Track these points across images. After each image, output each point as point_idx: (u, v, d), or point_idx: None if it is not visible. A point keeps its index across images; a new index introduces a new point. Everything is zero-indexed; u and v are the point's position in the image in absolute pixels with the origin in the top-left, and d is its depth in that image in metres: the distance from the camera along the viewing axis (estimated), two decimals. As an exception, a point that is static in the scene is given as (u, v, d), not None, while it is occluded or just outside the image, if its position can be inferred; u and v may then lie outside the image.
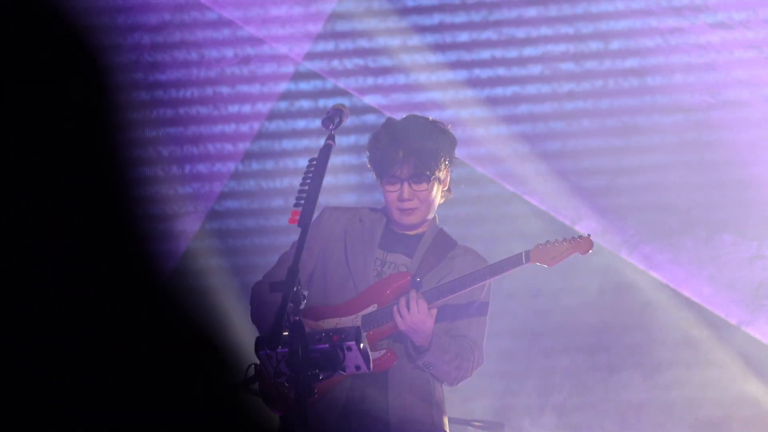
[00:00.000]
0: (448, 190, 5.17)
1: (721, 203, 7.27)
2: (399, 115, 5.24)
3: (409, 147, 5.03)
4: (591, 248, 5.04)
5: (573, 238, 5.04)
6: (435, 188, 5.08)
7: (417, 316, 4.93)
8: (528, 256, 5.01)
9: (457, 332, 5.11)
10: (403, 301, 4.95)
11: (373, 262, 5.11)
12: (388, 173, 5.06)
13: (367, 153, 5.15)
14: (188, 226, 7.45)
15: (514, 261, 5.01)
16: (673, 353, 7.27)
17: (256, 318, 5.13)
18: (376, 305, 5.04)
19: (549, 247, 5.02)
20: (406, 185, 5.05)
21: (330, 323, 5.01)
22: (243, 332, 6.96)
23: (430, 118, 5.16)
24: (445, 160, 5.08)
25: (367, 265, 5.11)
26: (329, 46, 7.48)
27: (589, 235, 5.05)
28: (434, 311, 4.97)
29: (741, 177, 7.26)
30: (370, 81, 7.49)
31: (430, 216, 5.16)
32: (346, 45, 7.49)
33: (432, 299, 4.98)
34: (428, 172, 5.04)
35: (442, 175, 5.09)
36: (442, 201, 5.16)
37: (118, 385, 7.18)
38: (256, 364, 5.01)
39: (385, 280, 5.06)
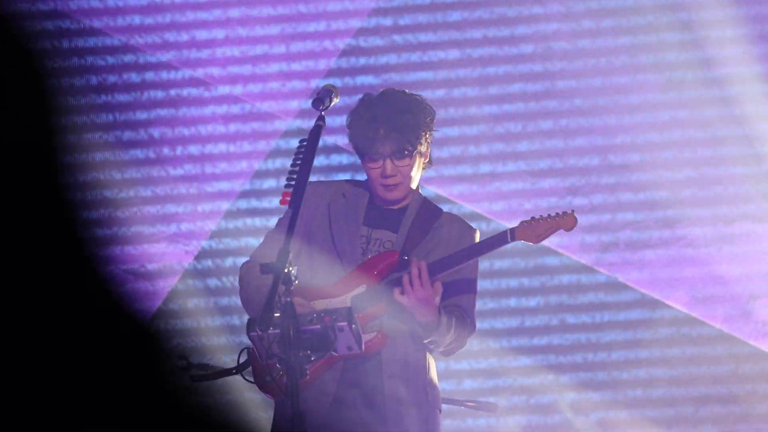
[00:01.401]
0: (429, 161, 5.19)
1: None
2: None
3: (390, 124, 5.04)
4: (575, 224, 5.01)
5: (557, 214, 5.01)
6: (417, 162, 5.11)
7: (421, 292, 4.92)
8: (513, 234, 5.01)
9: (448, 302, 5.10)
10: (406, 278, 4.92)
11: (359, 239, 5.12)
12: (369, 151, 5.08)
13: (347, 131, 5.17)
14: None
15: (499, 239, 5.00)
16: (675, 329, 7.26)
17: (246, 300, 5.13)
18: (365, 286, 5.03)
19: (534, 224, 5.01)
20: (388, 161, 5.07)
21: (320, 304, 5.00)
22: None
23: (407, 91, 5.17)
24: (425, 134, 5.10)
25: (353, 243, 5.12)
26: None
27: (573, 211, 5.04)
28: (439, 286, 4.95)
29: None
30: (362, 61, 7.48)
31: (413, 186, 5.17)
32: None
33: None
34: (410, 147, 5.06)
35: (423, 148, 5.11)
36: (423, 172, 5.18)
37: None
38: (248, 349, 5.00)
39: (373, 260, 5.07)
